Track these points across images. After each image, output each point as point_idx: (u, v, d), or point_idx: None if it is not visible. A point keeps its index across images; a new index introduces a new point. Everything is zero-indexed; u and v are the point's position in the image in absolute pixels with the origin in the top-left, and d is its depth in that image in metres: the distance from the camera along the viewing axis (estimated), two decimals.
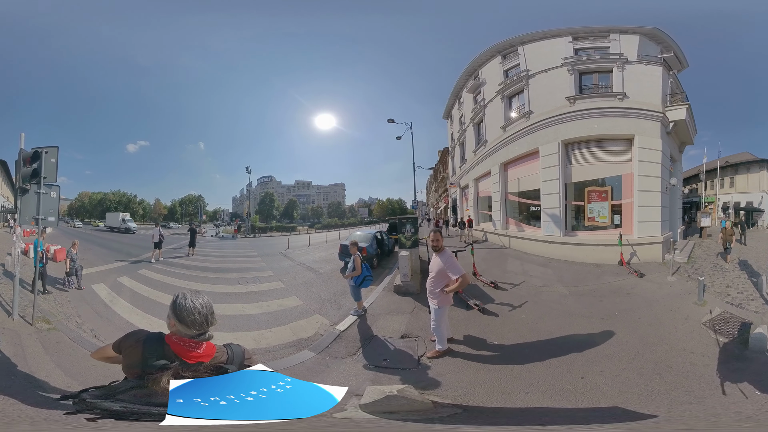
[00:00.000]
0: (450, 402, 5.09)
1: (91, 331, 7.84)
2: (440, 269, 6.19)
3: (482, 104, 19.50)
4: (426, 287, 6.65)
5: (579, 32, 14.97)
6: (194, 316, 1.99)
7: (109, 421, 1.67)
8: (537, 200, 15.63)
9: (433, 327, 6.55)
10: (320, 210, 44.50)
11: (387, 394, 4.64)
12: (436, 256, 6.30)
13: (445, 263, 6.11)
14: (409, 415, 4.55)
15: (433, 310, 6.48)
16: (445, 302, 6.43)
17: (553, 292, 10.37)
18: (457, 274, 5.94)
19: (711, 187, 22.09)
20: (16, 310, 7.84)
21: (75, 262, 10.91)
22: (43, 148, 8.29)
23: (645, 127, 13.64)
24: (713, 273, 11.48)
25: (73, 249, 10.97)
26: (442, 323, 6.53)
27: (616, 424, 4.50)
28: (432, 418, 4.56)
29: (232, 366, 2.02)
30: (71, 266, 10.79)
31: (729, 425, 4.40)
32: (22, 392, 5.01)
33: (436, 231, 6.43)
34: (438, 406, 4.89)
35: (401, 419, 4.41)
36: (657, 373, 5.70)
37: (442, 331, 6.57)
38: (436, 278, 6.30)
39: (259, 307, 9.88)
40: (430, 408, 4.79)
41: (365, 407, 4.56)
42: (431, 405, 4.87)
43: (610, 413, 4.73)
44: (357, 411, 4.51)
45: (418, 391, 5.21)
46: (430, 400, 5.00)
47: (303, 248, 21.35)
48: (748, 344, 6.44)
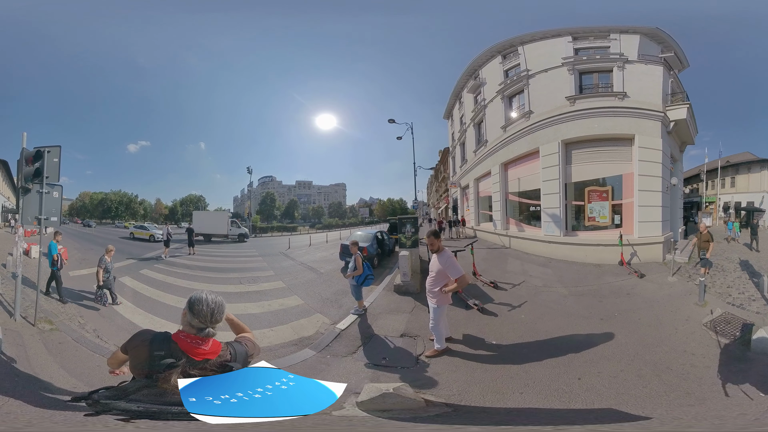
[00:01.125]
0: (442, 401, 5.12)
1: (94, 331, 7.86)
2: (439, 269, 6.22)
3: (482, 104, 19.50)
4: (425, 286, 6.67)
5: (579, 32, 14.96)
6: (202, 307, 2.11)
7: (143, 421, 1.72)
8: (537, 200, 15.63)
9: (431, 326, 6.59)
10: (321, 210, 44.44)
11: (383, 392, 4.67)
12: (436, 256, 6.32)
13: (444, 264, 6.13)
14: (401, 413, 4.58)
15: (432, 309, 6.51)
16: (444, 301, 6.45)
17: (553, 293, 10.37)
18: (456, 275, 5.96)
19: (712, 187, 22.07)
20: (18, 310, 7.82)
21: (109, 273, 9.38)
22: (46, 148, 8.23)
23: (645, 127, 13.62)
24: (714, 273, 11.45)
25: (107, 257, 9.34)
26: (440, 322, 6.58)
27: (608, 425, 4.50)
28: (421, 416, 4.59)
29: (236, 364, 2.10)
30: (105, 278, 9.21)
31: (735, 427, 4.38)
32: (26, 394, 5.00)
33: (430, 235, 6.38)
34: (430, 405, 4.92)
35: (392, 417, 4.44)
36: (656, 375, 5.68)
37: (440, 330, 6.62)
38: (436, 278, 6.33)
39: (260, 307, 9.93)
40: (421, 406, 4.83)
41: (362, 405, 4.60)
42: (423, 403, 4.90)
43: (604, 414, 4.72)
44: (354, 409, 4.55)
45: (414, 389, 5.25)
46: (423, 398, 5.04)
47: (304, 248, 21.39)
48: (750, 346, 6.41)
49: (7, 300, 8.56)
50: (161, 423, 1.69)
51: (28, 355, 6.40)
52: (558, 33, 15.30)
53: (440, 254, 6.25)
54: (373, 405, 4.60)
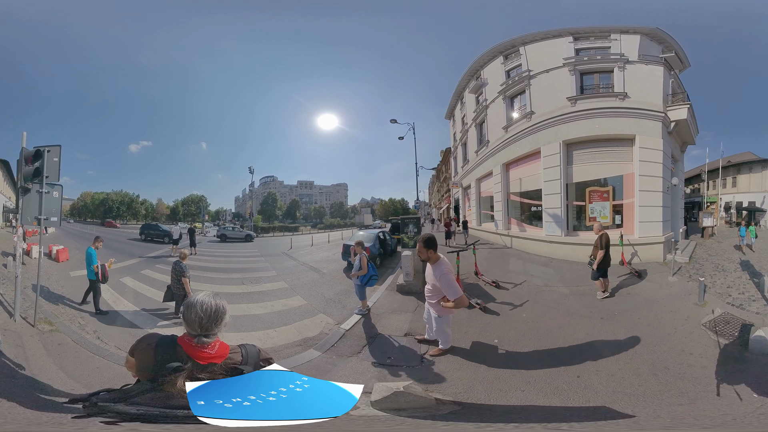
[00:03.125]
0: (451, 399, 5.13)
1: (95, 332, 7.81)
2: (434, 283, 5.71)
3: (484, 104, 19.51)
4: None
5: (580, 32, 14.98)
6: (191, 314, 2.02)
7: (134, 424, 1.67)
8: (538, 200, 15.64)
9: (435, 332, 6.36)
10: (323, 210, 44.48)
11: (395, 391, 4.68)
12: (430, 267, 5.78)
13: (438, 281, 5.54)
14: (415, 411, 4.59)
15: (434, 319, 6.18)
16: (446, 313, 6.02)
17: (554, 292, 10.37)
18: (453, 296, 5.39)
19: (713, 187, 22.05)
20: (18, 311, 7.76)
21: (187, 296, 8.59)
22: (45, 147, 8.15)
23: (646, 127, 13.62)
24: (714, 273, 11.46)
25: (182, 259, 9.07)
26: (444, 329, 6.29)
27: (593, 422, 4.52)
28: (435, 414, 4.60)
29: (247, 367, 2.01)
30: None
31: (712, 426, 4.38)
32: (23, 395, 4.94)
33: (421, 242, 5.70)
34: (440, 403, 4.93)
35: (408, 416, 4.45)
36: (653, 374, 5.68)
37: (445, 334, 6.37)
38: (433, 290, 5.86)
39: (263, 307, 9.92)
40: (433, 405, 4.84)
41: (376, 404, 4.61)
42: (434, 402, 4.91)
43: (596, 412, 4.74)
44: (369, 408, 4.55)
45: (422, 387, 5.26)
46: (433, 397, 5.04)
47: (306, 248, 21.40)
48: (747, 346, 6.41)
49: (7, 300, 8.55)
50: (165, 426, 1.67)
51: (26, 356, 6.32)
52: (559, 33, 15.32)
53: (435, 266, 5.65)
54: (386, 404, 4.60)
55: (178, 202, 35.58)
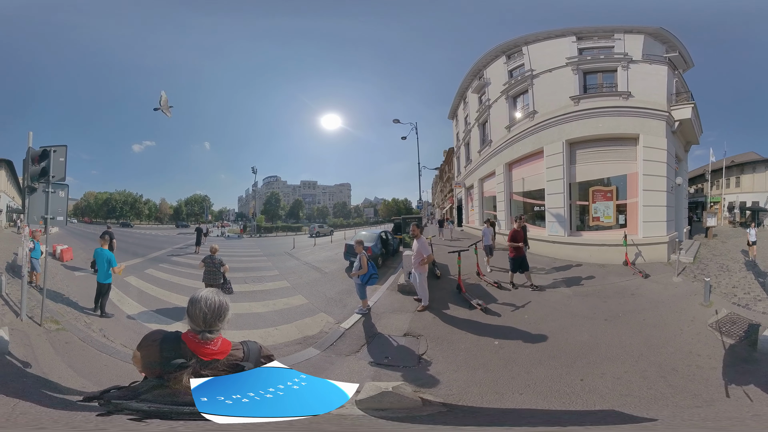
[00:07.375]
0: (440, 401, 5.10)
1: (100, 330, 7.87)
2: (418, 250, 8.86)
3: (487, 104, 19.49)
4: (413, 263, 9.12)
5: (583, 32, 14.93)
6: (195, 310, 2.04)
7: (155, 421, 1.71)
8: (541, 200, 15.61)
9: (418, 289, 9.08)
10: (326, 210, 44.47)
11: (382, 391, 4.67)
12: (416, 241, 9.06)
13: (419, 246, 8.87)
14: (397, 412, 4.57)
15: (417, 277, 8.97)
16: (423, 270, 8.93)
17: (557, 293, 10.34)
18: (426, 253, 8.78)
19: (717, 186, 21.95)
20: (25, 310, 7.82)
21: (227, 282, 8.97)
22: (52, 147, 8.20)
23: (650, 127, 13.58)
24: (719, 273, 11.40)
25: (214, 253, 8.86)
26: (424, 286, 8.95)
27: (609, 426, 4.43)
28: (416, 416, 4.57)
29: (248, 363, 2.04)
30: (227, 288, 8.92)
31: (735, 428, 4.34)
32: (36, 393, 4.98)
33: (413, 223, 9.50)
34: (426, 404, 4.91)
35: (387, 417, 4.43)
36: (661, 376, 5.62)
37: (425, 291, 8.95)
38: (416, 256, 8.95)
39: (265, 306, 9.97)
40: (418, 406, 4.82)
41: (360, 403, 4.60)
42: (420, 403, 4.89)
43: (604, 416, 4.66)
44: (352, 407, 4.55)
45: (414, 388, 5.25)
46: (420, 398, 5.01)
47: (308, 248, 21.44)
48: (756, 346, 6.36)
49: (13, 300, 8.61)
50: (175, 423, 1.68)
51: (35, 356, 6.37)
52: (562, 33, 15.28)
53: (419, 239, 9.03)
54: (370, 404, 4.60)
55: (182, 201, 35.71)
